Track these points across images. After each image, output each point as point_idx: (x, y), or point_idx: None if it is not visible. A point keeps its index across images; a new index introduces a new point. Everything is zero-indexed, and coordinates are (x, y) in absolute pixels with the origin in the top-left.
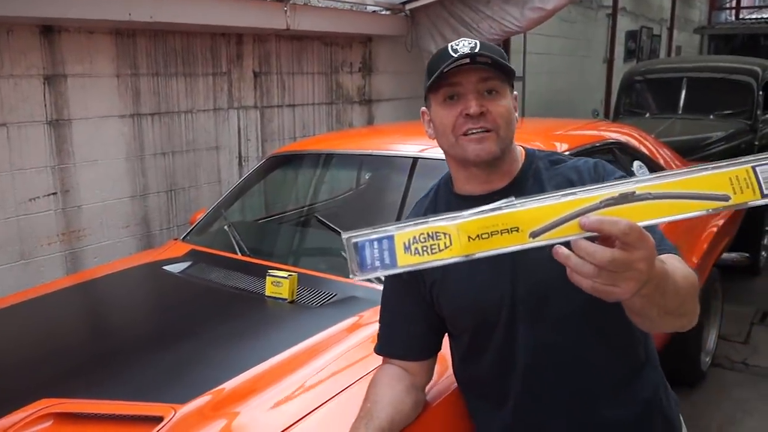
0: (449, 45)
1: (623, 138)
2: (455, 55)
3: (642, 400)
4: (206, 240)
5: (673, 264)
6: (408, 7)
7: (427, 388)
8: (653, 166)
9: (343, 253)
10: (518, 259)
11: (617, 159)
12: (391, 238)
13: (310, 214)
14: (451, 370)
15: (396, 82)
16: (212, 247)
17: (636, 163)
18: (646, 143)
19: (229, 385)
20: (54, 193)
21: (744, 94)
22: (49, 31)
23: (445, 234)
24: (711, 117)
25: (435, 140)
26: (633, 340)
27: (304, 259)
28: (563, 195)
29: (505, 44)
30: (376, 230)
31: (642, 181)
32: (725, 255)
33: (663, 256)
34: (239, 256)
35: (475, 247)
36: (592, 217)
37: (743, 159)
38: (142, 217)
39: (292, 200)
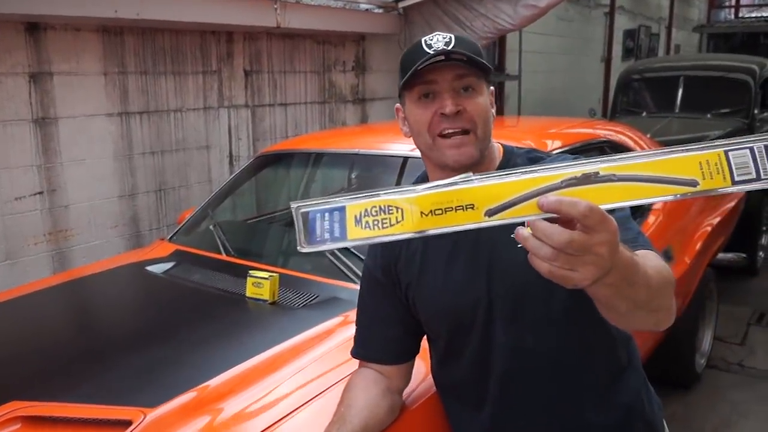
0: (423, 40)
1: (616, 137)
2: (430, 51)
3: (623, 405)
4: (192, 240)
5: (645, 257)
6: (401, 5)
7: (407, 391)
8: None
9: (327, 253)
10: (494, 260)
11: None
12: (342, 210)
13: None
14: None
15: (390, 81)
16: (197, 248)
17: None
18: (640, 142)
19: (202, 388)
20: (40, 193)
21: (741, 92)
22: (34, 28)
23: (397, 208)
24: (708, 116)
25: (410, 138)
26: (613, 343)
27: (288, 260)
28: (523, 173)
29: (501, 42)
30: (327, 200)
31: (607, 162)
32: (721, 255)
33: (638, 252)
34: (223, 257)
35: (427, 224)
36: (551, 197)
37: (715, 143)
38: (130, 216)
39: (280, 200)
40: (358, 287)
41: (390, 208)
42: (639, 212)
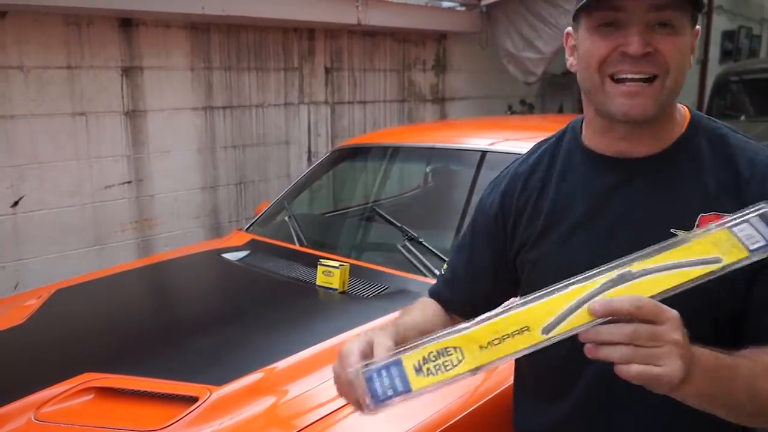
0: None
1: None
2: None
3: None
4: (267, 230)
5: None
6: (484, 2)
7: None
8: None
9: (398, 246)
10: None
11: None
12: (399, 363)
13: (370, 208)
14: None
15: (471, 81)
16: (272, 238)
17: None
18: None
19: (268, 370)
20: (129, 182)
21: None
22: (127, 24)
23: (455, 348)
24: None
25: (575, 71)
26: None
27: (360, 251)
28: (564, 287)
29: None
30: (383, 359)
31: (634, 260)
32: None
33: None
34: (296, 247)
35: (490, 355)
36: (600, 300)
37: (718, 222)
38: (211, 208)
39: (355, 193)
40: (427, 280)
41: (447, 349)
42: None
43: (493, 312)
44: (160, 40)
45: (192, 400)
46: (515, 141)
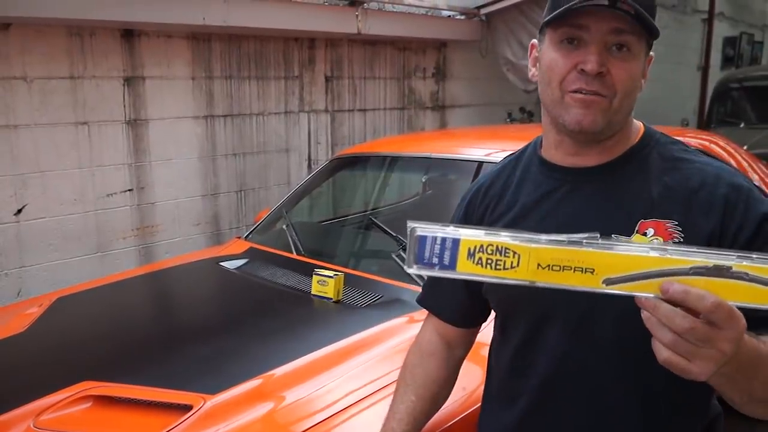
0: None
1: (705, 144)
2: None
3: None
4: (265, 239)
5: None
6: (483, 11)
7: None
8: None
9: (393, 255)
10: None
11: None
12: (456, 241)
13: (366, 217)
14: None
15: (470, 89)
16: (270, 246)
17: None
18: (736, 155)
19: (261, 378)
20: (130, 190)
21: None
22: (129, 34)
23: (514, 253)
24: None
25: (536, 80)
26: (690, 408)
27: (355, 260)
28: (652, 249)
29: None
30: (443, 228)
31: (744, 259)
32: None
33: None
34: (293, 255)
35: (541, 276)
36: (677, 285)
37: None
38: (212, 215)
39: (353, 202)
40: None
41: (507, 251)
42: None
43: (572, 237)
44: (162, 50)
45: (186, 408)
46: (511, 151)
